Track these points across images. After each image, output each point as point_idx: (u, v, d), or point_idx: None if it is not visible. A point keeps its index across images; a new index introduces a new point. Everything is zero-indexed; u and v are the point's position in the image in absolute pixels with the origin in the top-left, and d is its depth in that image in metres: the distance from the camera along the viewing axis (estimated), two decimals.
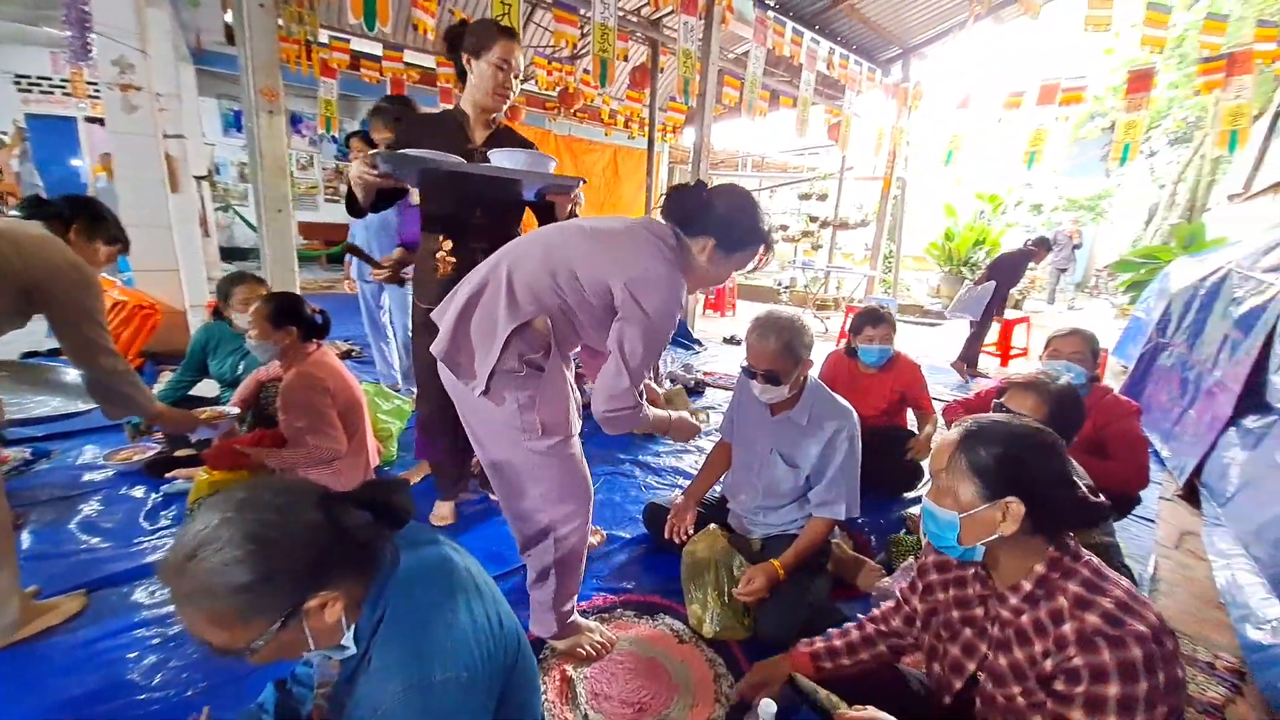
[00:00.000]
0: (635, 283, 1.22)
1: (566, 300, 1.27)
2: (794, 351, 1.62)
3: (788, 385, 1.66)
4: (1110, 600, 0.83)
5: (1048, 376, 1.63)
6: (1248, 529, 2.03)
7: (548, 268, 1.26)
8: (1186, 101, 10.09)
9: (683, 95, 4.82)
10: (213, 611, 0.71)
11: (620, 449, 2.94)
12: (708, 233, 1.32)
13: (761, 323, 1.65)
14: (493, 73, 1.77)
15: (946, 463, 0.94)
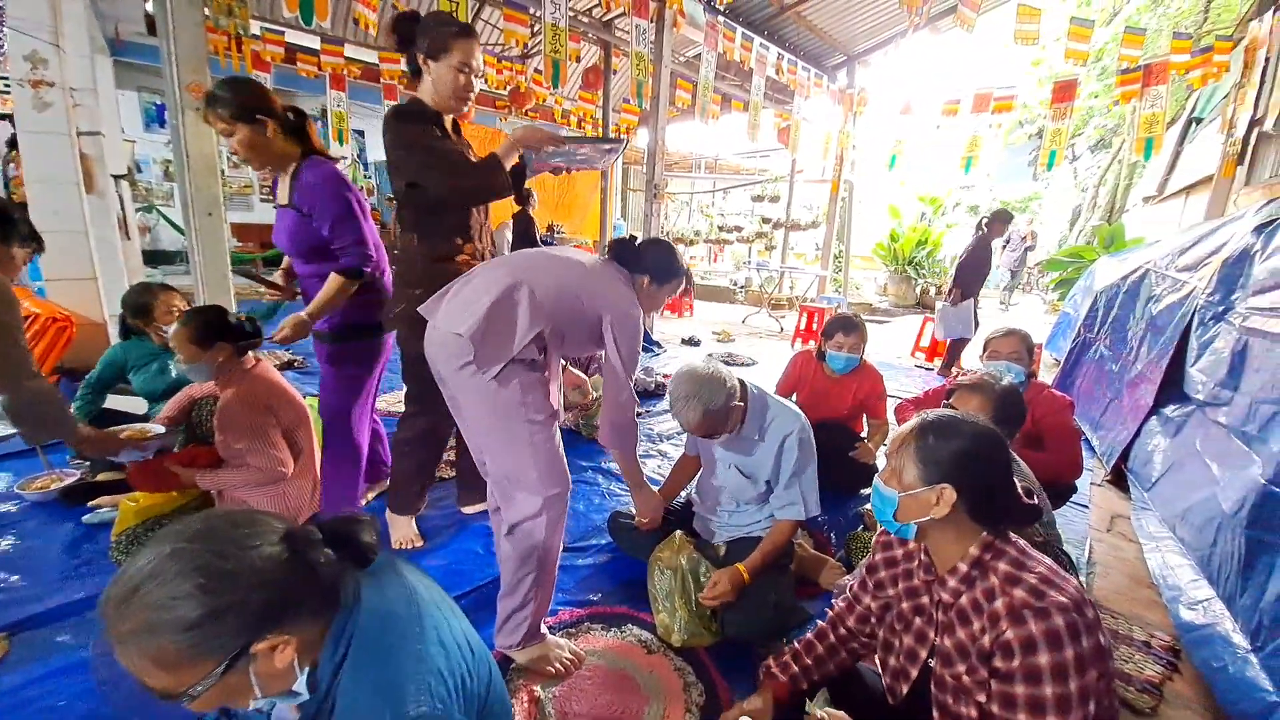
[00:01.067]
0: (619, 321, 1.55)
1: (568, 317, 1.52)
2: (718, 411, 1.63)
3: (727, 432, 1.72)
4: (1034, 576, 0.91)
5: (991, 378, 1.70)
6: (1173, 512, 2.18)
7: (562, 290, 1.52)
8: (1106, 110, 10.83)
9: (636, 98, 4.81)
10: (154, 651, 0.65)
11: (583, 457, 2.90)
12: (644, 271, 1.68)
13: (678, 398, 1.64)
14: (453, 76, 1.70)
15: (899, 447, 1.01)
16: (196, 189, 3.32)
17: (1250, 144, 5.13)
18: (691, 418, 1.62)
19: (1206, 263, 2.97)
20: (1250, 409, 1.89)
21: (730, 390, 1.66)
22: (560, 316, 1.50)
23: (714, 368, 1.68)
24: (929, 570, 1.05)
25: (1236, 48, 4.99)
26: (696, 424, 1.64)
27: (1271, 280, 2.02)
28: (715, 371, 1.66)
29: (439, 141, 1.71)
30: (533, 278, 1.49)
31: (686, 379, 1.65)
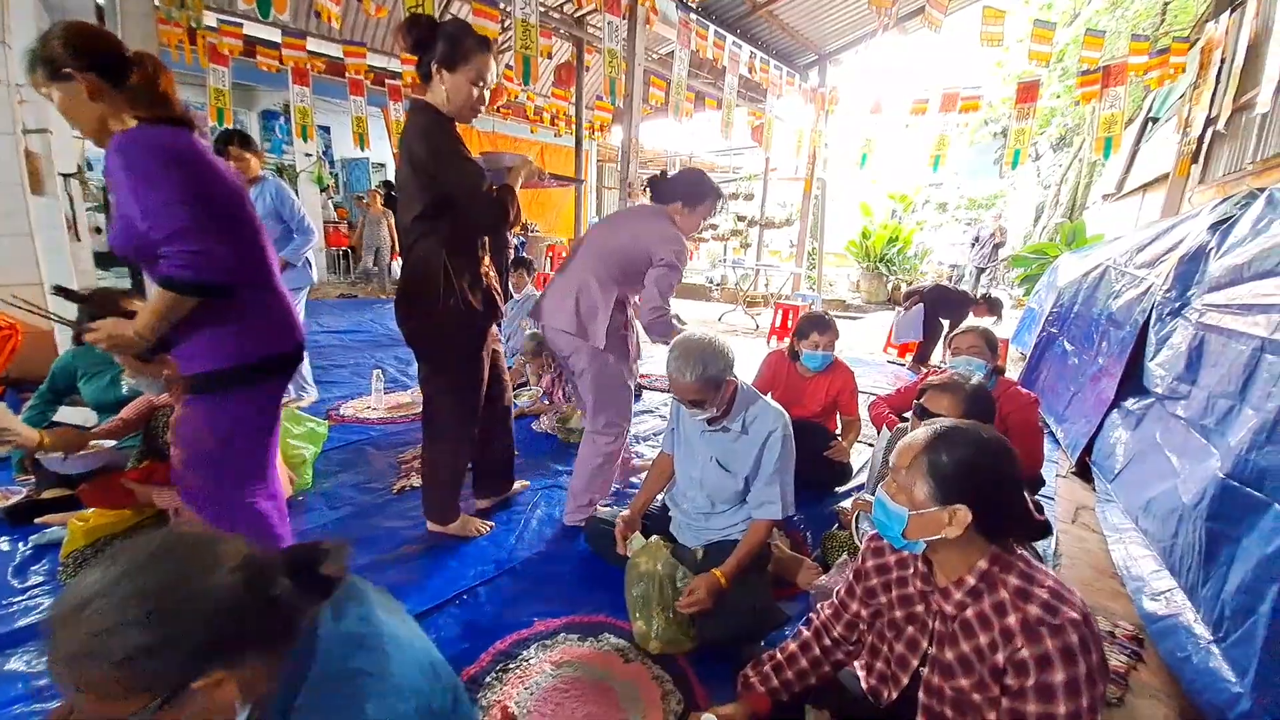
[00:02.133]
0: (663, 243, 2.03)
1: (629, 272, 2.08)
2: (713, 378, 1.64)
3: (715, 407, 1.70)
4: (1045, 590, 0.89)
5: (961, 377, 1.73)
6: (1136, 503, 2.24)
7: (612, 254, 2.08)
8: (1067, 110, 11.15)
9: (609, 95, 4.77)
10: (89, 677, 0.60)
11: (556, 460, 2.86)
12: (675, 199, 2.08)
13: (677, 356, 1.64)
14: (469, 89, 1.72)
15: (910, 461, 0.97)
16: None
17: (1204, 143, 5.32)
18: (686, 379, 1.61)
19: (1163, 260, 3.06)
20: (1208, 403, 1.95)
21: (729, 362, 1.67)
22: (622, 276, 2.07)
23: (714, 337, 1.68)
24: (927, 580, 1.03)
25: (1192, 49, 5.17)
26: (690, 386, 1.62)
27: (1227, 277, 2.09)
28: (715, 340, 1.67)
29: (473, 167, 1.77)
30: (591, 264, 2.08)
31: (686, 342, 1.65)
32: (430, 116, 1.73)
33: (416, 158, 1.72)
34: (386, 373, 4.25)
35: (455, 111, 1.75)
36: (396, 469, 2.70)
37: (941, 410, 1.68)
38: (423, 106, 1.75)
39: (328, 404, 3.53)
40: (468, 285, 1.87)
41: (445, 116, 1.75)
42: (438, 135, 1.71)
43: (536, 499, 2.46)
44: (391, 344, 5.20)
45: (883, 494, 1.01)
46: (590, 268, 2.07)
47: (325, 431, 2.65)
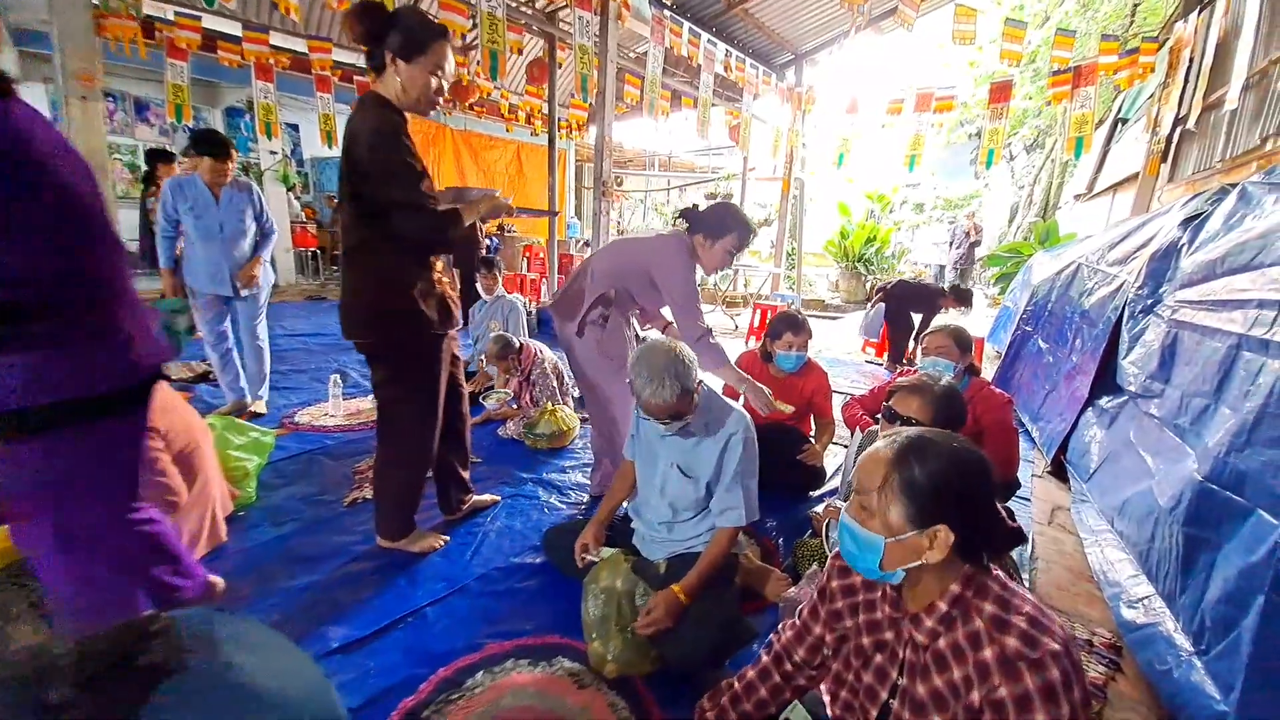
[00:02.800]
0: (660, 268, 2.11)
1: (626, 279, 2.18)
2: (690, 390, 1.55)
3: (691, 414, 1.60)
4: (1023, 619, 0.81)
5: (930, 379, 1.65)
6: (1111, 504, 2.19)
7: (615, 261, 2.21)
8: (1040, 111, 11.30)
9: (581, 93, 4.66)
10: None
11: (520, 467, 2.74)
12: (700, 231, 2.11)
13: (648, 376, 1.51)
14: (426, 80, 1.62)
15: (880, 481, 0.86)
16: None
17: (1173, 142, 5.37)
18: (665, 397, 1.49)
19: (1135, 257, 3.04)
20: (1182, 402, 1.90)
21: (696, 370, 1.58)
22: (620, 280, 2.17)
23: (670, 342, 1.58)
24: (896, 605, 0.94)
25: (1161, 49, 5.22)
26: (669, 406, 1.51)
27: (1199, 273, 2.05)
28: (673, 345, 1.56)
29: (422, 181, 1.63)
30: (595, 261, 2.24)
31: (657, 354, 1.53)
32: (383, 113, 1.59)
33: (361, 158, 1.58)
34: (348, 377, 4.09)
35: (412, 104, 1.64)
36: (351, 480, 2.55)
37: (910, 412, 1.61)
38: (375, 100, 1.61)
39: (284, 411, 3.36)
40: (419, 294, 1.74)
41: (398, 112, 1.63)
42: (390, 139, 1.56)
43: (499, 510, 2.34)
44: None
45: (850, 521, 0.90)
46: (594, 262, 2.23)
47: (272, 441, 2.50)
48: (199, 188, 2.93)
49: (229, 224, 2.98)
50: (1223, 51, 4.35)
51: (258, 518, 2.24)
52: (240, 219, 3.02)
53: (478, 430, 3.15)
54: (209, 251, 2.95)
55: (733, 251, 2.14)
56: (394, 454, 1.92)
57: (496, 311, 3.69)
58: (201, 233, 2.94)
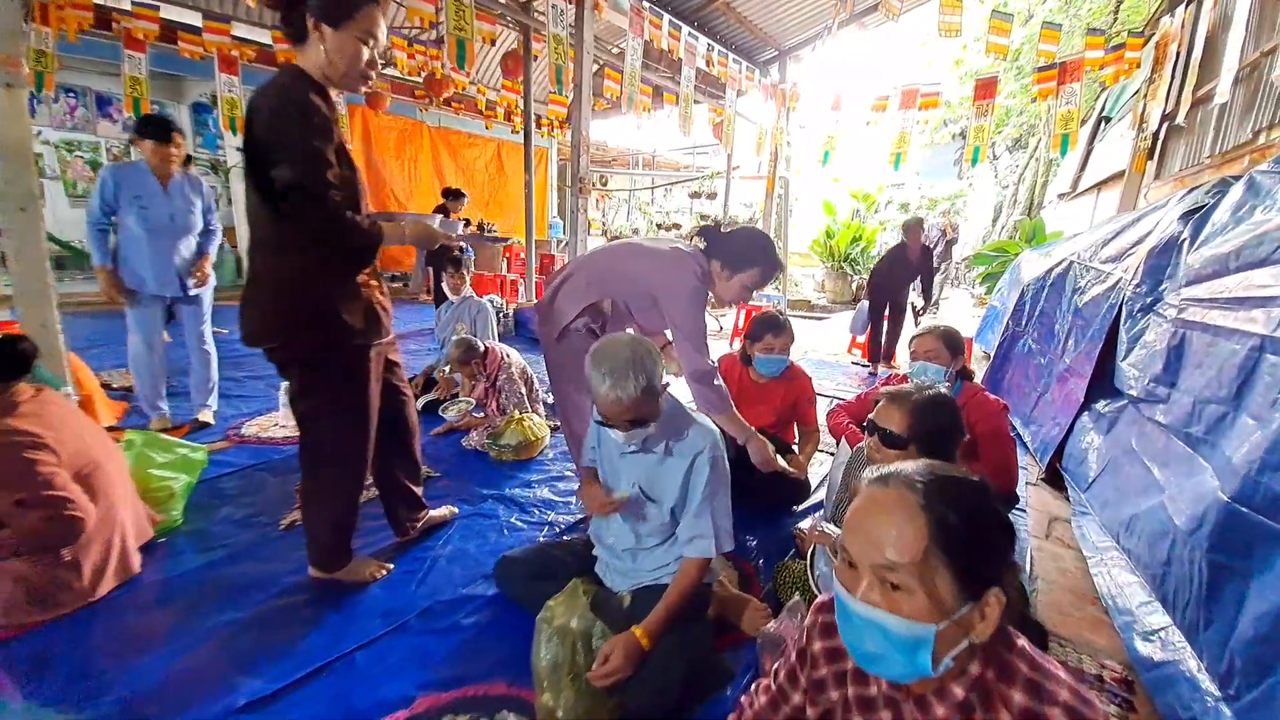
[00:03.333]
0: (668, 291, 1.83)
1: (625, 292, 1.91)
2: (655, 388, 1.38)
3: (654, 420, 1.42)
4: (1060, 709, 0.62)
5: (915, 387, 1.48)
6: (1115, 518, 2.03)
7: (615, 273, 1.93)
8: (1023, 110, 11.29)
9: (555, 85, 4.46)
10: None
11: (482, 481, 2.53)
12: (719, 257, 1.84)
13: (608, 371, 1.33)
14: (356, 48, 1.40)
15: (914, 546, 0.63)
16: (7, 180, 2.73)
17: (1160, 138, 5.29)
18: (628, 392, 1.31)
19: (1130, 253, 2.91)
20: (1194, 409, 1.75)
21: (662, 370, 1.41)
22: (617, 291, 1.91)
23: (634, 336, 1.41)
24: (895, 684, 0.75)
25: (1146, 44, 5.13)
26: (627, 405, 1.33)
27: (1209, 268, 1.90)
28: (637, 339, 1.40)
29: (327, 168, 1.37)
30: (590, 265, 1.97)
31: (619, 346, 1.35)
32: (296, 84, 1.37)
33: (258, 134, 1.36)
34: None
35: (339, 77, 1.43)
36: (292, 498, 2.33)
37: (892, 426, 1.43)
38: (291, 72, 1.39)
39: (229, 421, 3.12)
40: (339, 297, 1.53)
41: (316, 86, 1.40)
42: (295, 113, 1.33)
43: (452, 531, 2.13)
44: None
45: (872, 612, 0.65)
46: (590, 263, 1.98)
47: (203, 458, 2.27)
48: (145, 176, 2.69)
49: (180, 216, 2.74)
50: (1211, 45, 4.25)
51: (181, 544, 2.02)
52: (190, 211, 2.79)
53: (440, 441, 2.94)
54: (157, 247, 2.70)
55: (751, 288, 1.87)
56: (320, 478, 1.69)
57: (463, 313, 3.47)
58: (149, 226, 2.69)
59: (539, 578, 1.64)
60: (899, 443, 1.41)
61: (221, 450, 2.74)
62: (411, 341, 5.45)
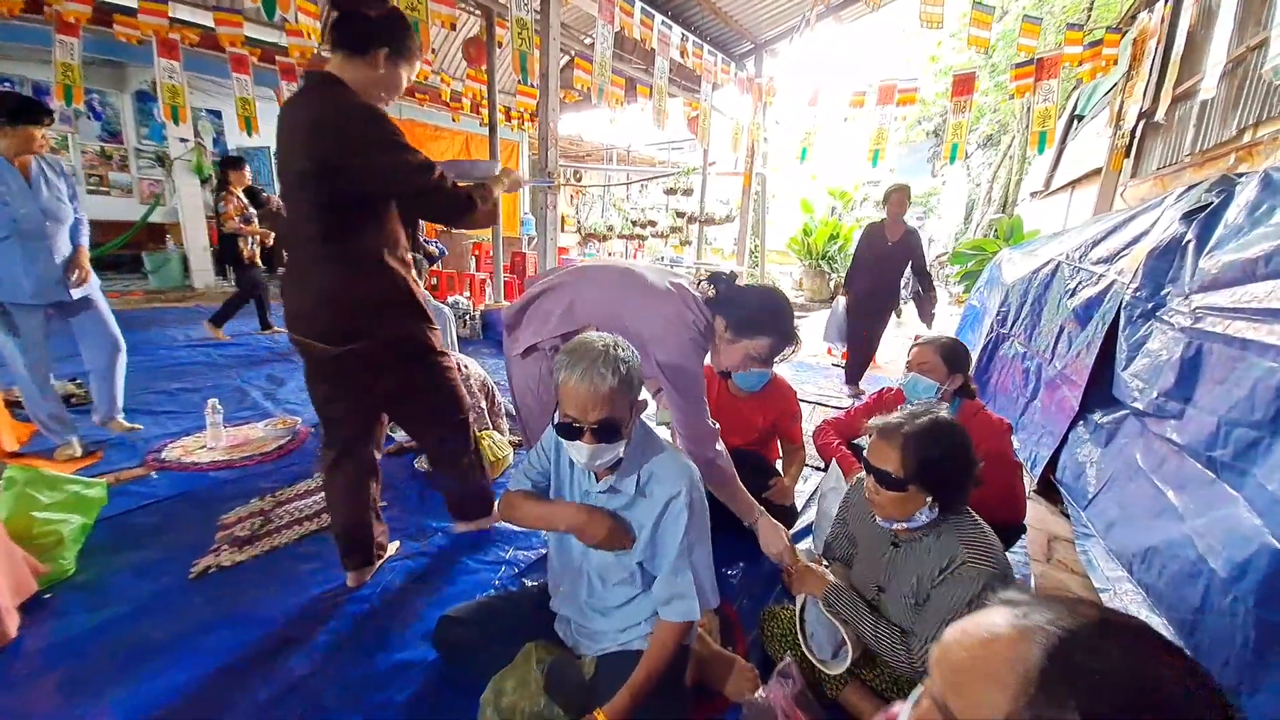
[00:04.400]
0: (664, 347, 1.53)
1: (610, 328, 1.44)
2: (633, 383, 1.16)
3: (626, 436, 1.19)
4: None
5: (908, 413, 1.27)
6: (1125, 545, 1.87)
7: (604, 308, 1.60)
8: (996, 108, 11.34)
9: (520, 73, 4.18)
10: None
11: (433, 511, 2.25)
12: (726, 315, 1.59)
13: (580, 353, 1.13)
14: (403, 83, 1.63)
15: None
16: None
17: (1136, 136, 5.24)
18: (601, 385, 1.10)
19: (1123, 254, 2.77)
20: (1220, 431, 1.58)
21: (643, 376, 1.20)
22: (598, 323, 1.56)
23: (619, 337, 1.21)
24: None
25: (1123, 41, 5.07)
26: (602, 395, 1.10)
27: (1229, 273, 1.74)
28: (625, 342, 1.20)
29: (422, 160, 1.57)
30: (582, 285, 1.68)
31: (595, 340, 1.15)
32: (358, 99, 1.48)
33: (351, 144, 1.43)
34: (248, 396, 3.52)
35: (377, 96, 1.56)
36: (212, 538, 2.03)
37: (886, 466, 1.23)
38: (336, 81, 1.48)
39: (151, 444, 2.78)
40: (411, 284, 1.68)
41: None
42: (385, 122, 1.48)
43: (392, 576, 1.86)
44: (270, 359, 4.41)
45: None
46: (579, 286, 1.68)
47: (102, 494, 1.95)
48: (4, 170, 2.29)
49: (52, 211, 2.39)
50: (1192, 40, 4.18)
51: (70, 600, 1.71)
52: (61, 204, 2.44)
53: (387, 463, 2.66)
54: (31, 251, 2.33)
55: (756, 359, 1.62)
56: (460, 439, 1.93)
57: None
58: (16, 226, 2.30)
59: (488, 640, 1.39)
60: (896, 485, 1.21)
61: (136, 479, 2.42)
62: None
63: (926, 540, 1.30)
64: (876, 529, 1.40)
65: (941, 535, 1.28)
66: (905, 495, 1.21)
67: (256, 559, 1.92)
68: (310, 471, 2.51)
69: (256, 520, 2.11)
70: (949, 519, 1.27)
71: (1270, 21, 3.05)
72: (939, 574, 1.26)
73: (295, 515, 2.17)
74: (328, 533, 2.04)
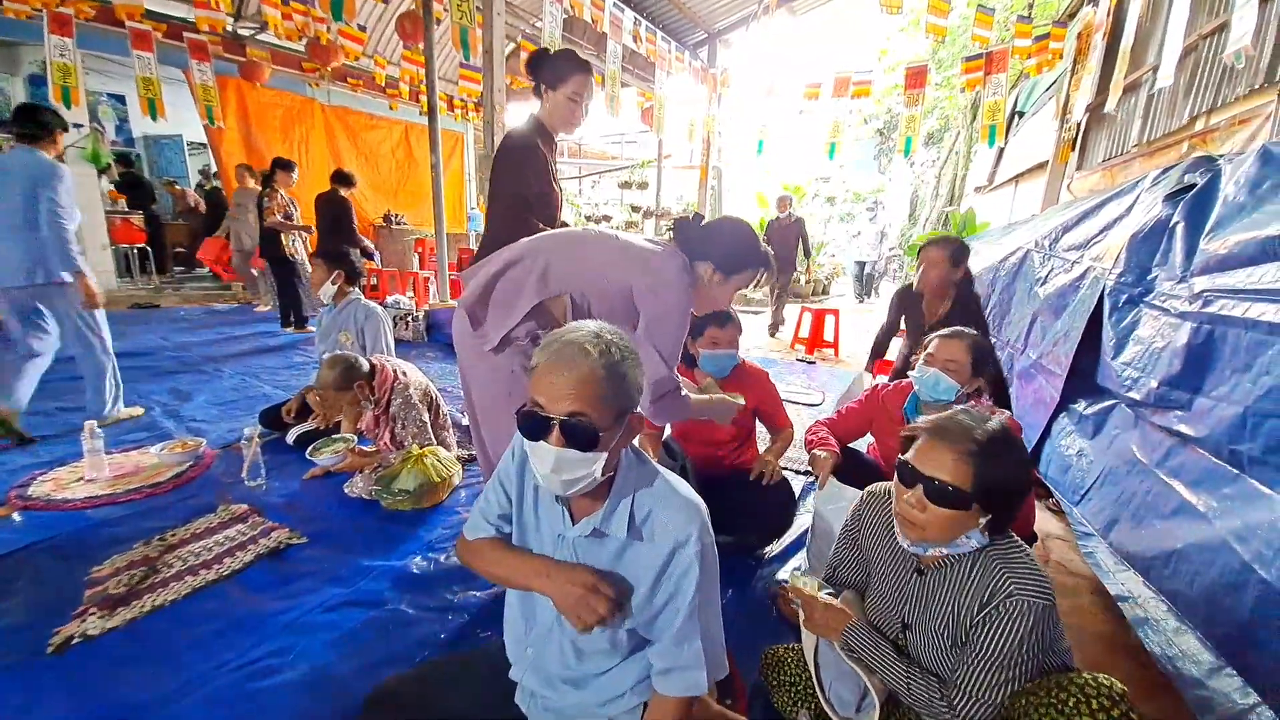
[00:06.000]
0: (653, 296, 1.45)
1: (593, 291, 1.48)
2: (625, 384, 0.89)
3: (606, 449, 0.89)
4: None
5: (972, 417, 1.06)
6: (1136, 547, 1.74)
7: (584, 265, 1.50)
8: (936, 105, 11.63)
9: (460, 49, 3.82)
10: None
11: (366, 547, 1.90)
12: (709, 258, 1.52)
13: (565, 335, 0.88)
14: (567, 105, 1.97)
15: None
16: None
17: (1081, 129, 5.35)
18: (583, 366, 0.85)
19: (1099, 239, 2.71)
20: (1245, 423, 1.45)
21: (640, 373, 0.93)
22: (580, 288, 1.47)
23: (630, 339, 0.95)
24: None
25: (1068, 35, 5.15)
26: (584, 375, 0.85)
27: (1242, 251, 1.62)
28: (624, 336, 0.93)
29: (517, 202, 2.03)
30: (552, 248, 1.52)
31: (582, 324, 0.91)
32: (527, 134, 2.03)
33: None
34: (149, 413, 3.03)
35: (558, 124, 2.04)
36: (78, 596, 1.62)
37: (944, 475, 1.00)
38: (530, 121, 2.05)
39: (17, 476, 2.29)
40: None
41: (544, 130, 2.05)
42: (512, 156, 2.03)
43: (307, 642, 1.50)
44: (176, 370, 3.87)
45: None
46: (552, 253, 1.50)
47: None
48: None
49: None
50: (1138, 32, 4.24)
51: None
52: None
53: (313, 489, 2.28)
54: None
55: (741, 288, 1.60)
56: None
57: (348, 320, 2.79)
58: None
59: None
60: (958, 501, 0.99)
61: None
62: (281, 356, 4.60)
63: (961, 567, 1.09)
64: (898, 553, 1.18)
65: (979, 562, 1.07)
66: (963, 515, 0.99)
67: (133, 624, 1.53)
68: (213, 504, 2.10)
69: (136, 572, 1.70)
70: (990, 542, 1.06)
71: (1227, 7, 3.07)
72: (979, 609, 1.05)
73: (188, 563, 1.77)
74: (228, 582, 1.68)
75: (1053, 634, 1.08)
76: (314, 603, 1.62)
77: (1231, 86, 3.14)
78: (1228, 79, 3.17)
